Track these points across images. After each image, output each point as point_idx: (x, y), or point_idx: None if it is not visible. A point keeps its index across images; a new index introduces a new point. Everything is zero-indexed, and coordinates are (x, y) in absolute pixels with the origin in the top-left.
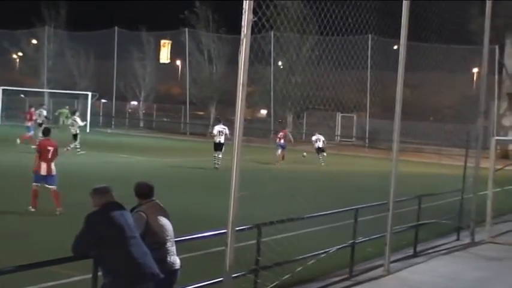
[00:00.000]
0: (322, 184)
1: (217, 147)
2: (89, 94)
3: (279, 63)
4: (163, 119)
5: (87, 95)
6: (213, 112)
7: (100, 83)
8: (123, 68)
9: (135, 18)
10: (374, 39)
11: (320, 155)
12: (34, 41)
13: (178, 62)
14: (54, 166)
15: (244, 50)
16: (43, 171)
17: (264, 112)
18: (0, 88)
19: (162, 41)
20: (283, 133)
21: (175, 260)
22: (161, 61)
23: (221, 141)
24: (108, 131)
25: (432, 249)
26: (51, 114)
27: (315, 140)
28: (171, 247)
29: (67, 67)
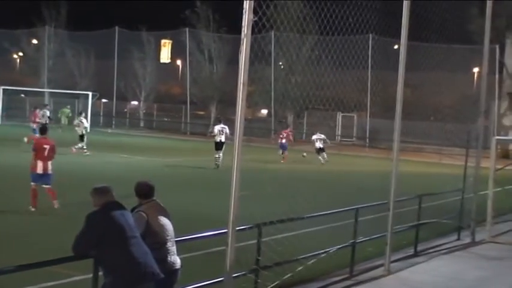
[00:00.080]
0: (322, 184)
1: (218, 146)
2: (90, 94)
3: (279, 63)
4: (163, 119)
5: (87, 95)
6: (214, 112)
7: (100, 83)
8: (123, 68)
9: (136, 18)
10: (374, 39)
11: (320, 155)
12: (34, 41)
13: (178, 62)
14: (50, 165)
15: (244, 50)
16: (39, 169)
17: (265, 112)
18: (0, 88)
19: (163, 41)
20: (285, 133)
21: (175, 260)
22: (162, 61)
23: (222, 140)
24: (108, 131)
25: (433, 248)
26: (52, 114)
27: (315, 140)
28: (172, 247)
29: (67, 67)
